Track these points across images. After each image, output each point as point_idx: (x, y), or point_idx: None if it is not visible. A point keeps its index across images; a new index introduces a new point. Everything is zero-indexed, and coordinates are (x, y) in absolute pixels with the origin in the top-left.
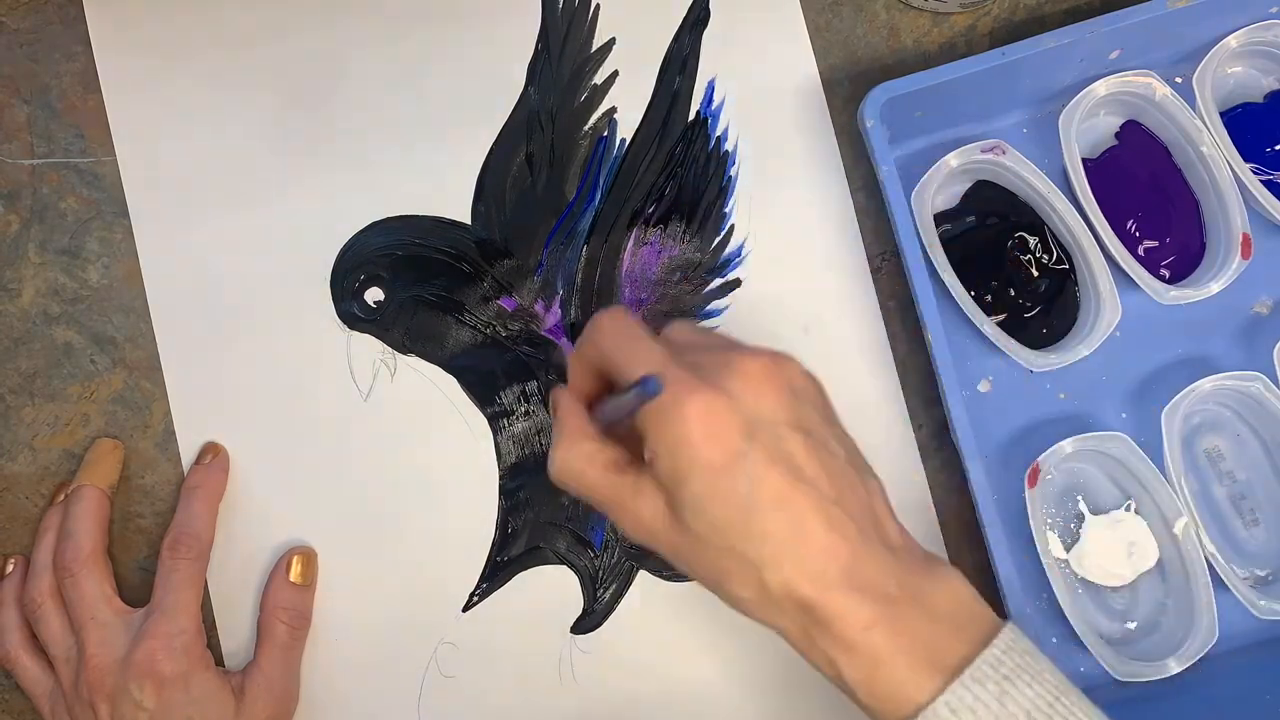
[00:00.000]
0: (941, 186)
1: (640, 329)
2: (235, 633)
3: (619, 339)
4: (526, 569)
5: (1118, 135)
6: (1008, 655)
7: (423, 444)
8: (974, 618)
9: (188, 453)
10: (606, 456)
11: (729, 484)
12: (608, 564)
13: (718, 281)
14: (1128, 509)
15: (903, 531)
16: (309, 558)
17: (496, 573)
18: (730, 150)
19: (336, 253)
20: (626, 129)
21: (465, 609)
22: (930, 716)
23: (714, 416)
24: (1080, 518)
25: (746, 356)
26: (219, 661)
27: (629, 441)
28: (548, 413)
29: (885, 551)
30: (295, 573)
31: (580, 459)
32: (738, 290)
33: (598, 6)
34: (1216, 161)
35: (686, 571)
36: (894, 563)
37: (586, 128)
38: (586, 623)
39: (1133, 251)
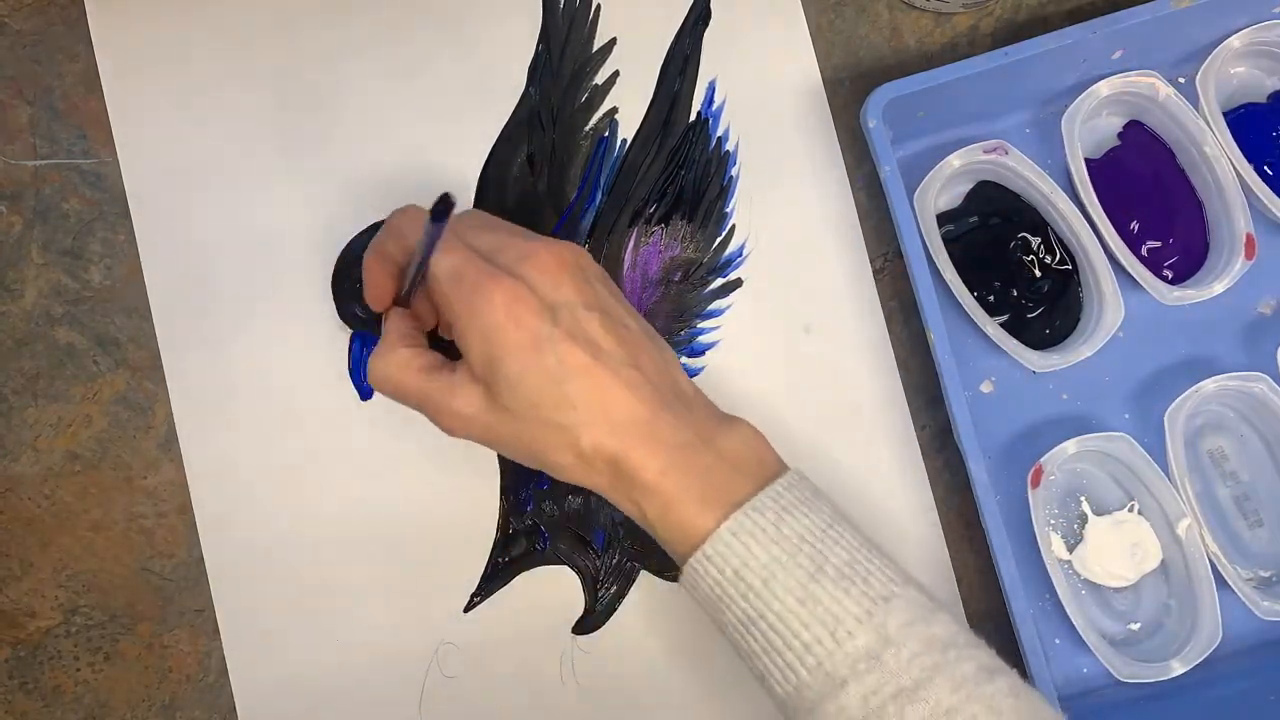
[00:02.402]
0: (944, 187)
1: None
2: (239, 638)
3: (417, 231)
4: (528, 569)
5: (1120, 136)
6: (788, 491)
7: (423, 444)
8: (761, 462)
9: (190, 453)
10: (422, 361)
11: (538, 361)
12: (609, 564)
13: (719, 281)
14: (1131, 510)
15: (697, 390)
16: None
17: (498, 573)
18: (731, 150)
19: (338, 253)
20: (627, 129)
21: (466, 609)
22: (714, 541)
23: (518, 303)
24: (1083, 518)
25: (540, 247)
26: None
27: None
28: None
29: (680, 406)
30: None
31: (396, 365)
32: (739, 290)
33: (599, 7)
34: (1220, 162)
35: (507, 454)
36: (688, 415)
37: (587, 128)
38: (588, 623)
39: (1136, 252)
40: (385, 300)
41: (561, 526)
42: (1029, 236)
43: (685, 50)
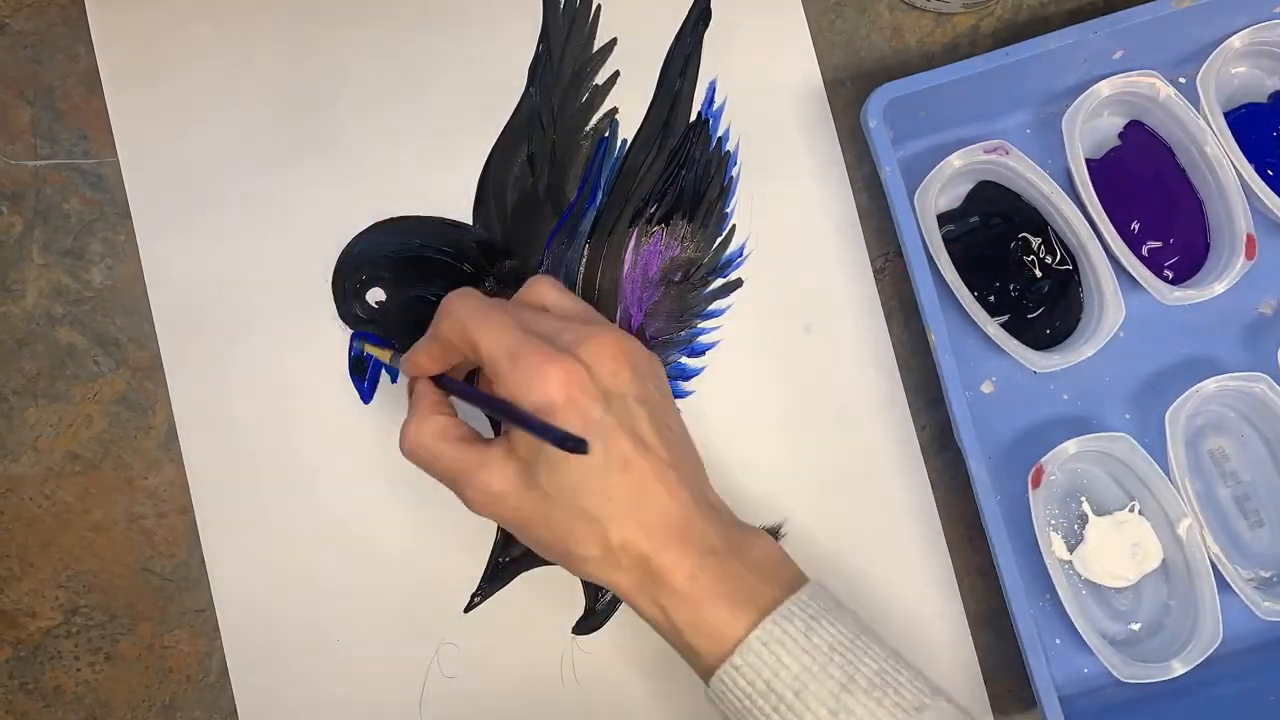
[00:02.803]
0: (945, 187)
1: (494, 307)
2: (239, 638)
3: (476, 316)
4: (528, 569)
5: (1121, 136)
6: (814, 600)
7: None
8: (784, 570)
9: (190, 453)
10: (458, 431)
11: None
12: None
13: (719, 281)
14: (1131, 510)
15: (721, 500)
16: None
17: (498, 573)
18: (732, 150)
19: (338, 254)
20: (628, 129)
21: (467, 609)
22: (745, 650)
23: (574, 385)
24: (1084, 519)
25: (601, 332)
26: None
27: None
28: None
29: (711, 511)
30: None
31: (431, 433)
32: (739, 290)
33: (599, 7)
34: (1220, 162)
35: (529, 540)
36: (718, 521)
37: (588, 128)
38: (588, 623)
39: (1136, 252)
40: (424, 375)
41: None
42: (1029, 237)
43: (685, 50)
